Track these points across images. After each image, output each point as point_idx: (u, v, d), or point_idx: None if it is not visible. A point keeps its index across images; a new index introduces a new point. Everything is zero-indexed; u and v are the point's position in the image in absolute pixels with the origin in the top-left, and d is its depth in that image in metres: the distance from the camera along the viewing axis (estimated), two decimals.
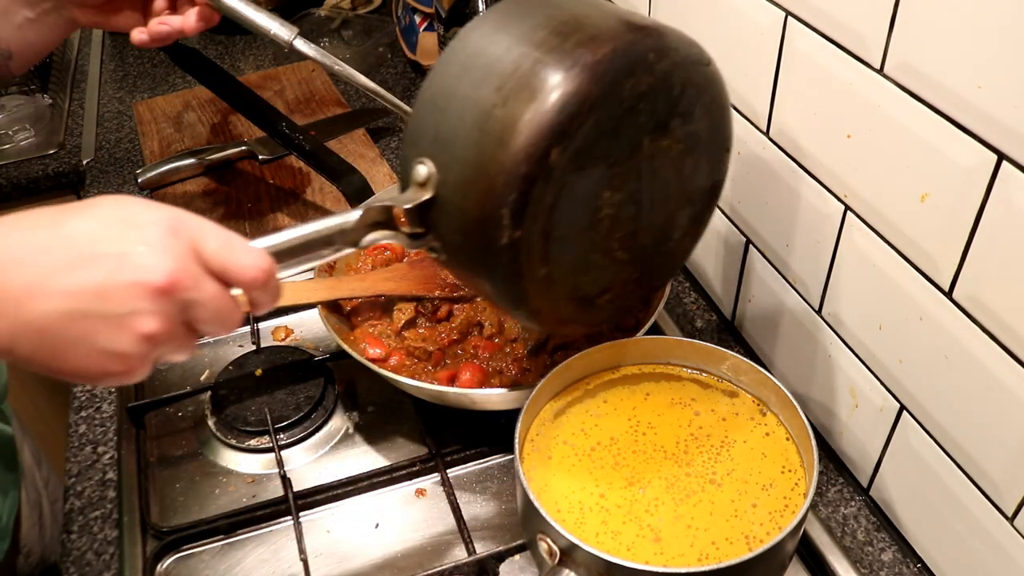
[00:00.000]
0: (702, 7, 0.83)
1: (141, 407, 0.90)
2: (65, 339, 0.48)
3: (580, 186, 0.59)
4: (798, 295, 0.82)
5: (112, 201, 0.50)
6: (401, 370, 0.85)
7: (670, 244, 0.70)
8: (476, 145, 0.57)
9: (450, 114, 0.59)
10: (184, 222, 0.50)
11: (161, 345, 0.50)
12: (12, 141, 1.42)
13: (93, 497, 0.84)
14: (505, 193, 0.56)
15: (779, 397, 0.72)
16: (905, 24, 0.60)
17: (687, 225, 0.70)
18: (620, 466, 0.71)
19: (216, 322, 0.51)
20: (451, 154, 0.59)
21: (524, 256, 0.59)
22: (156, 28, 0.90)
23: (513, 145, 0.55)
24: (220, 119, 1.36)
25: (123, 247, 0.48)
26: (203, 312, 0.51)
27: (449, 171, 0.59)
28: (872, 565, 0.75)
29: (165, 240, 0.48)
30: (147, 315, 0.48)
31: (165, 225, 0.49)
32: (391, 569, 0.77)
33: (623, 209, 0.63)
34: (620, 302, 0.71)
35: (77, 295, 0.47)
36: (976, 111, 0.56)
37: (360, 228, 0.60)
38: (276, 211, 1.12)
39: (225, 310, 0.51)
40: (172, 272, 0.48)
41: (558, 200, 0.58)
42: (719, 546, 0.65)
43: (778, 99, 0.76)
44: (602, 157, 0.59)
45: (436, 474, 0.84)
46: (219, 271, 0.51)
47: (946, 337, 0.64)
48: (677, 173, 0.66)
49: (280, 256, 0.55)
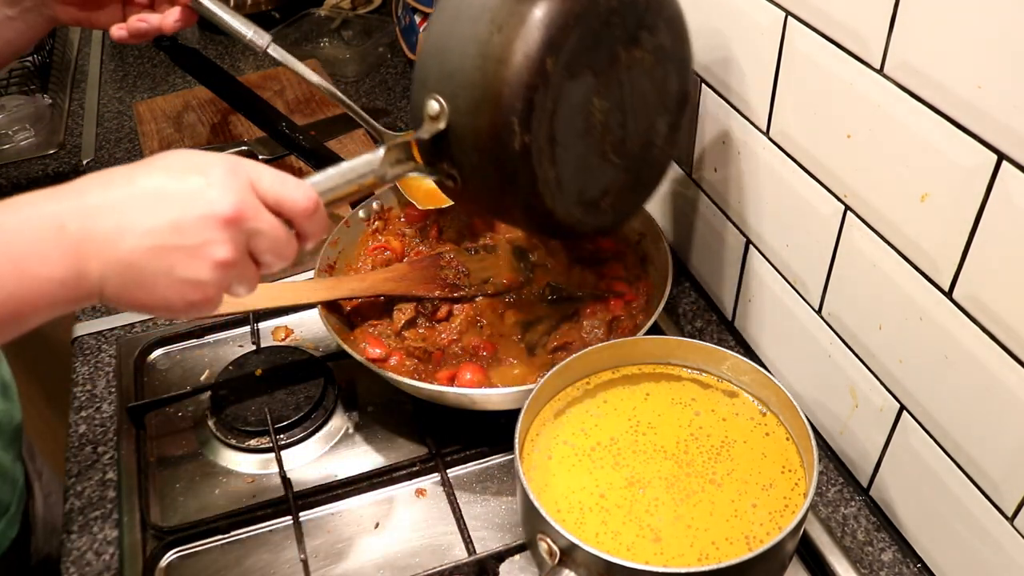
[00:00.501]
0: (702, 7, 0.83)
1: (141, 407, 0.90)
2: (150, 272, 0.54)
3: (573, 93, 0.68)
4: (798, 295, 0.82)
5: (174, 154, 0.57)
6: (401, 370, 0.85)
7: (654, 151, 0.79)
8: (480, 69, 0.65)
9: (452, 51, 0.68)
10: (241, 163, 0.57)
11: (232, 272, 0.56)
12: (12, 141, 1.42)
13: (93, 497, 0.84)
14: (512, 102, 0.65)
15: (779, 397, 0.72)
16: (905, 24, 0.60)
17: (666, 133, 0.79)
18: (620, 466, 0.71)
19: (275, 251, 0.58)
20: (458, 82, 0.67)
21: (536, 159, 0.67)
22: (135, 25, 0.93)
23: (514, 61, 0.64)
24: (220, 119, 1.36)
25: (192, 187, 0.54)
26: (264, 241, 0.57)
27: (458, 98, 0.67)
28: (872, 565, 0.75)
29: (227, 178, 0.55)
30: (219, 243, 0.54)
31: (225, 166, 0.56)
32: (391, 569, 0.77)
33: (611, 116, 0.72)
34: (620, 207, 0.79)
35: (157, 231, 0.53)
36: (976, 111, 0.56)
37: (385, 163, 0.67)
38: None
39: (283, 239, 0.58)
40: (236, 204, 0.54)
41: (557, 106, 0.67)
42: (719, 546, 0.65)
43: (778, 99, 0.76)
44: (588, 66, 0.68)
45: (436, 474, 0.84)
46: (274, 203, 0.57)
47: (946, 337, 0.64)
48: (652, 83, 0.75)
49: (323, 191, 0.62)
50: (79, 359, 0.99)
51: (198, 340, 1.00)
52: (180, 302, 0.55)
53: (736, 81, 0.82)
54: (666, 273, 0.88)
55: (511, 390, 0.78)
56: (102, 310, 1.05)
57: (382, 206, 1.01)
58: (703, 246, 0.98)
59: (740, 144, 0.84)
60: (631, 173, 0.77)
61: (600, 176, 0.75)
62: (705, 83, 0.87)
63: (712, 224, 0.94)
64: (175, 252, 0.53)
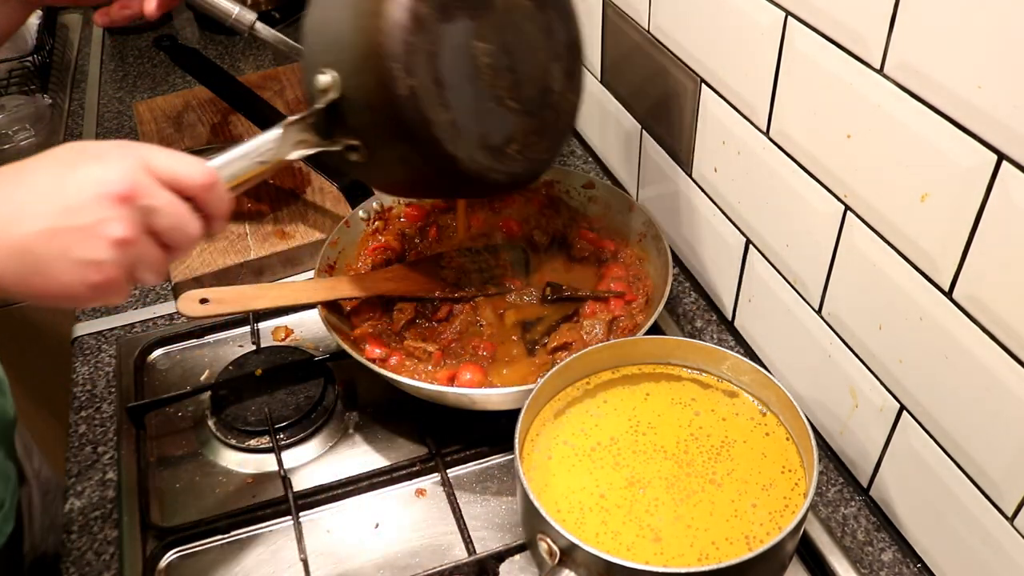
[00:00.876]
0: (702, 7, 0.83)
1: (141, 407, 0.90)
2: (46, 256, 0.54)
3: (452, 36, 0.71)
4: (798, 295, 0.82)
5: (64, 146, 0.58)
6: (401, 370, 0.85)
7: (554, 96, 0.81)
8: (357, 29, 0.69)
9: (329, 22, 0.72)
10: (132, 144, 0.58)
11: (131, 251, 0.55)
12: (12, 141, 1.42)
13: (93, 497, 0.84)
14: (391, 49, 0.67)
15: (779, 397, 0.72)
16: (905, 24, 0.60)
17: (563, 79, 0.81)
18: (620, 466, 0.71)
19: (176, 229, 0.58)
20: (340, 47, 0.71)
21: (424, 101, 0.69)
22: (118, 12, 0.97)
23: (386, 10, 0.67)
24: (220, 119, 1.36)
25: (83, 170, 0.55)
26: (163, 219, 0.57)
27: (343, 63, 0.70)
28: (872, 565, 0.75)
29: (118, 159, 0.56)
30: (113, 221, 0.54)
31: (115, 148, 0.57)
32: (391, 569, 0.77)
33: (498, 59, 0.74)
34: (529, 154, 0.80)
35: (50, 214, 0.54)
36: (976, 111, 0.56)
37: (285, 142, 0.69)
38: (276, 211, 1.12)
39: (183, 217, 0.58)
40: (128, 181, 0.55)
41: (437, 48, 0.70)
42: (719, 546, 0.65)
43: (778, 99, 0.76)
44: (462, 9, 0.71)
45: (436, 474, 0.84)
46: (169, 180, 0.57)
47: (946, 337, 0.64)
48: (537, 29, 0.78)
49: (225, 171, 0.64)
50: (79, 359, 0.99)
51: (198, 340, 1.00)
52: (80, 286, 0.55)
53: (736, 81, 0.82)
54: (666, 273, 0.88)
55: (511, 390, 0.78)
56: (102, 310, 1.05)
57: (382, 206, 1.01)
58: (703, 246, 0.98)
59: (740, 144, 0.84)
60: (534, 118, 0.79)
61: (501, 121, 0.76)
62: (705, 83, 0.87)
63: (712, 224, 0.94)
64: (69, 233, 0.54)
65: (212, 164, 0.62)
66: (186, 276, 1.02)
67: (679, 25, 0.90)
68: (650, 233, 0.94)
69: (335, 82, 0.70)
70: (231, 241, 1.06)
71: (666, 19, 0.92)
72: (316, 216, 1.10)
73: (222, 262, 1.04)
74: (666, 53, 0.93)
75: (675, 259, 1.04)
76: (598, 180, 1.02)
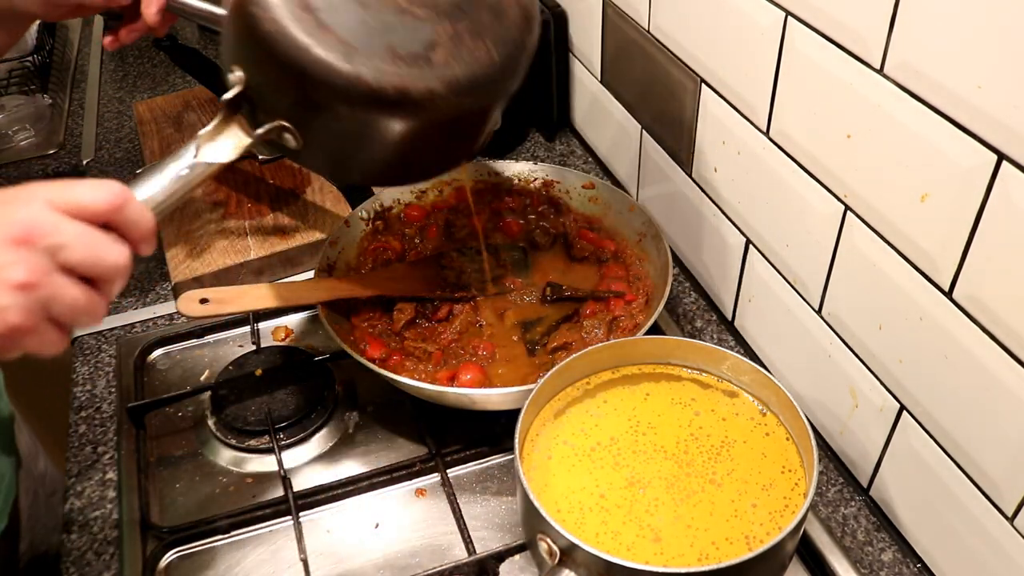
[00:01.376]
0: (702, 7, 0.83)
1: (141, 407, 0.90)
2: None
3: None
4: (798, 295, 0.82)
5: None
6: (401, 370, 0.85)
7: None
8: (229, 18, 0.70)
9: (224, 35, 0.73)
10: (31, 186, 0.55)
11: (40, 293, 0.53)
12: (12, 141, 1.42)
13: (93, 497, 0.84)
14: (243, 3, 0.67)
15: (779, 397, 0.72)
16: (905, 24, 0.60)
17: None
18: (620, 466, 0.71)
19: (92, 259, 0.54)
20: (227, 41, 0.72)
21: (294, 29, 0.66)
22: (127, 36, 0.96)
23: None
24: None
25: None
26: (74, 252, 0.54)
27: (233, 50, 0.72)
28: (872, 565, 0.75)
29: (19, 203, 0.53)
30: (12, 265, 0.52)
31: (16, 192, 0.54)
32: (391, 569, 0.77)
33: None
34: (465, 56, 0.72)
35: None
36: (976, 111, 0.56)
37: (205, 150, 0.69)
38: (276, 211, 1.12)
39: (96, 246, 0.55)
40: (24, 221, 0.52)
41: None
42: (719, 546, 0.65)
43: (778, 99, 0.76)
44: None
45: (436, 474, 0.84)
46: (75, 210, 0.54)
47: (946, 337, 0.64)
48: None
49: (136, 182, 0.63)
50: (79, 359, 0.99)
51: (198, 340, 1.00)
52: None
53: (736, 81, 0.82)
54: (666, 273, 0.88)
55: (511, 390, 0.78)
56: None
57: (382, 206, 1.01)
58: (703, 246, 0.98)
59: (740, 144, 0.84)
60: (458, 21, 0.72)
61: (412, 31, 0.71)
62: (705, 83, 0.87)
63: (712, 224, 0.94)
64: None
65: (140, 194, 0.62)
66: (186, 276, 1.02)
67: (679, 25, 0.90)
68: (650, 233, 0.94)
69: (239, 75, 0.71)
70: (231, 241, 1.06)
71: (666, 19, 0.92)
72: (316, 216, 1.10)
73: (222, 262, 1.04)
74: (666, 53, 0.93)
75: (675, 259, 1.04)
76: (598, 180, 1.02)
